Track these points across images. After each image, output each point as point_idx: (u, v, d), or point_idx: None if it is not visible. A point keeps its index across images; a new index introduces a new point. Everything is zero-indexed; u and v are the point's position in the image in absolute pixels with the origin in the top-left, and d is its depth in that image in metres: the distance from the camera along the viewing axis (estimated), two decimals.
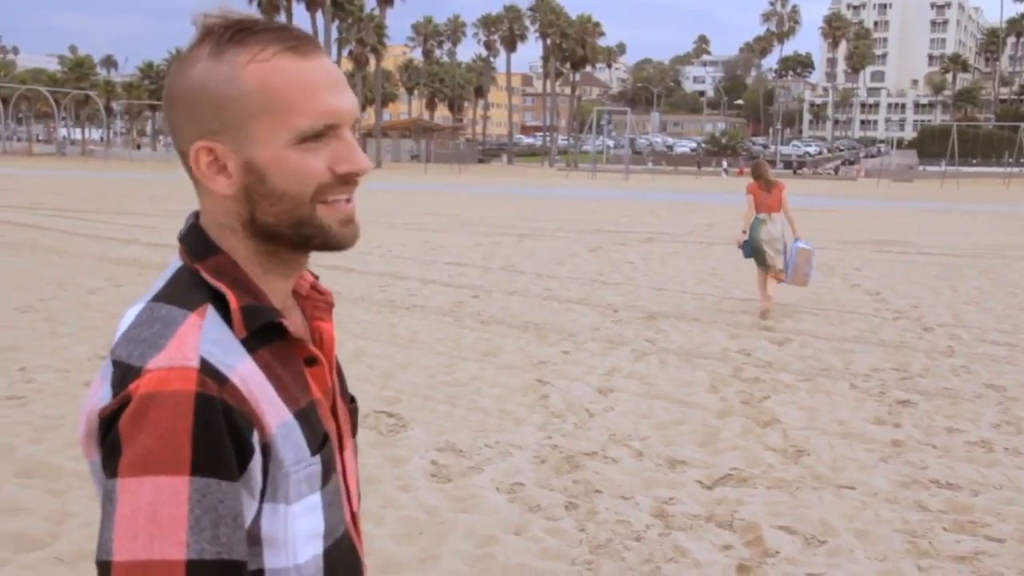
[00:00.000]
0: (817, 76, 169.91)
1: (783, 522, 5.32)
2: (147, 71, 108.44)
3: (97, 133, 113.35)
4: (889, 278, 16.00)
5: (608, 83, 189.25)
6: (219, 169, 1.28)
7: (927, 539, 5.15)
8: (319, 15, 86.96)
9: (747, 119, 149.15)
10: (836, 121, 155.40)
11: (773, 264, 11.89)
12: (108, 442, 1.19)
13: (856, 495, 5.78)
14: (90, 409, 1.22)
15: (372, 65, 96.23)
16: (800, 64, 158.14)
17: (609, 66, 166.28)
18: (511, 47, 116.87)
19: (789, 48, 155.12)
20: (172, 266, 1.35)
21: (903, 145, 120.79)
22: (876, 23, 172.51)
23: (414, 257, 17.20)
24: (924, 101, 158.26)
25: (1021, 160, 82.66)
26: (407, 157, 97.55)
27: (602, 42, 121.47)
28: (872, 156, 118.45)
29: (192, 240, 1.35)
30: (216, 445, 1.17)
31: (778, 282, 12.10)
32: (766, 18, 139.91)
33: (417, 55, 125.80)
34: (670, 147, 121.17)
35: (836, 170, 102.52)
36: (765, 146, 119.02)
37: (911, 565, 4.82)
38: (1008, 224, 31.64)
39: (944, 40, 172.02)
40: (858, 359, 9.54)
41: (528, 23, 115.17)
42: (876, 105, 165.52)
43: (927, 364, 9.41)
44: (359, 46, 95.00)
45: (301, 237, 1.31)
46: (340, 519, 1.39)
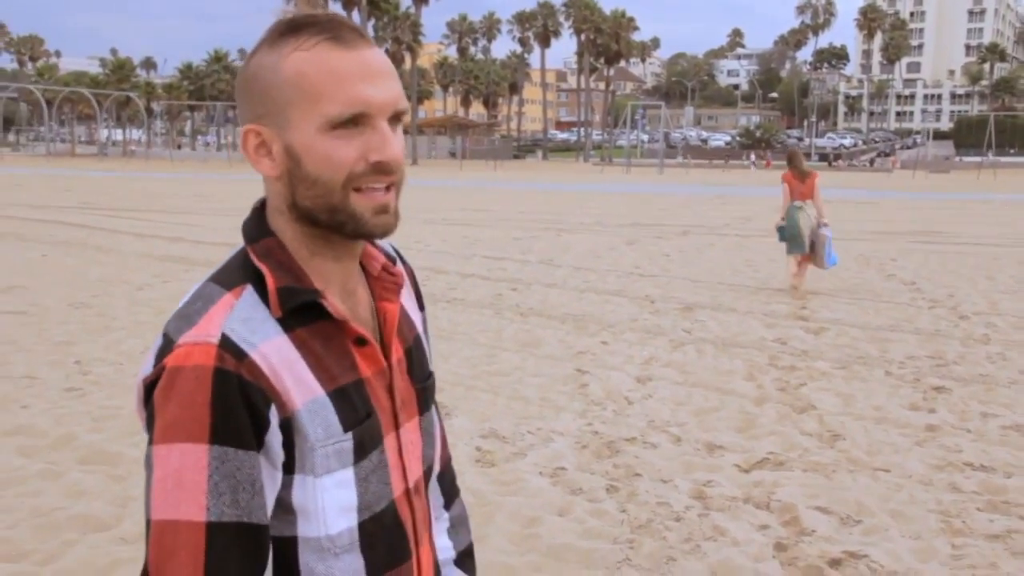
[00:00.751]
0: (852, 68, 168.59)
1: (819, 503, 5.47)
2: (186, 72, 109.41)
3: (138, 134, 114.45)
4: (925, 268, 16.03)
5: (642, 78, 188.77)
6: (265, 152, 1.36)
7: (960, 518, 5.28)
8: (355, 13, 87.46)
9: (781, 112, 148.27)
10: (871, 113, 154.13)
11: (804, 248, 12.86)
12: (148, 410, 1.30)
13: (891, 477, 5.91)
14: (139, 378, 1.33)
15: (408, 63, 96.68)
16: (835, 56, 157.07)
17: (643, 61, 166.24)
18: (545, 43, 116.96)
19: (824, 40, 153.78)
20: (236, 248, 1.44)
21: (939, 136, 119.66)
22: (912, 14, 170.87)
23: (453, 252, 17.42)
24: (961, 92, 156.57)
25: None
26: (443, 154, 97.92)
27: (636, 37, 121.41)
28: (908, 147, 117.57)
29: (249, 224, 1.42)
30: (232, 416, 1.26)
31: (808, 263, 13.11)
32: (801, 10, 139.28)
33: (452, 52, 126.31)
34: (704, 141, 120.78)
35: (871, 162, 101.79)
36: (800, 139, 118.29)
37: (945, 543, 4.96)
38: None
39: (981, 30, 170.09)
40: (894, 347, 9.64)
41: (562, 19, 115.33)
42: (912, 96, 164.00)
43: (962, 351, 9.50)
44: (395, 44, 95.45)
45: (335, 223, 1.36)
46: (382, 495, 1.43)
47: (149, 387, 1.29)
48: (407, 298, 1.59)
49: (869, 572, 4.62)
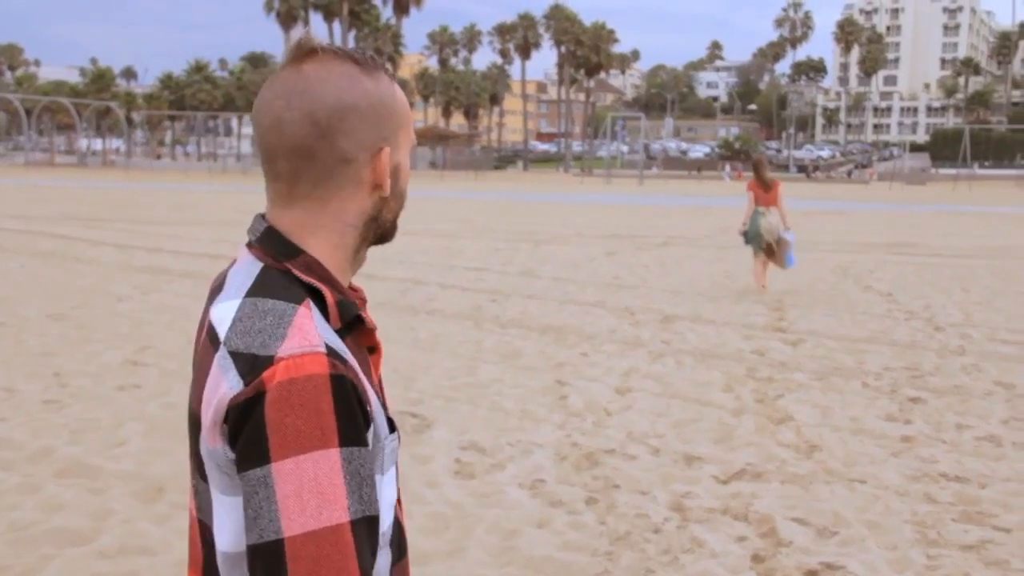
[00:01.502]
0: (830, 80, 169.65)
1: (796, 514, 5.51)
2: (167, 82, 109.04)
3: (118, 143, 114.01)
4: (901, 279, 16.16)
5: (622, 89, 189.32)
6: (390, 172, 1.48)
7: (936, 529, 5.33)
8: (336, 24, 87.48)
9: (760, 124, 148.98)
10: (849, 125, 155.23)
11: (768, 247, 13.96)
12: (248, 431, 1.31)
13: (867, 488, 5.96)
14: (218, 399, 1.34)
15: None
16: (813, 69, 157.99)
17: (623, 72, 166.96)
18: (526, 55, 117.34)
19: (802, 53, 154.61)
20: (248, 264, 1.46)
21: (916, 148, 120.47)
22: (888, 28, 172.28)
23: (433, 263, 17.43)
24: (937, 104, 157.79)
25: None
26: (424, 164, 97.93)
27: (616, 49, 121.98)
28: (885, 159, 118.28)
29: (274, 242, 1.45)
30: (353, 417, 1.32)
31: (770, 262, 14.23)
32: (779, 24, 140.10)
33: (433, 63, 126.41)
34: (684, 152, 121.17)
35: (849, 173, 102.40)
36: (778, 150, 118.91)
37: (920, 554, 5.01)
38: (1020, 225, 31.70)
39: (956, 44, 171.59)
40: (870, 358, 9.72)
41: (542, 31, 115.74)
42: (889, 109, 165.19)
43: (938, 363, 9.58)
44: (376, 55, 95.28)
45: (389, 231, 1.54)
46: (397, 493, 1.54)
47: (243, 406, 1.31)
48: None
49: None
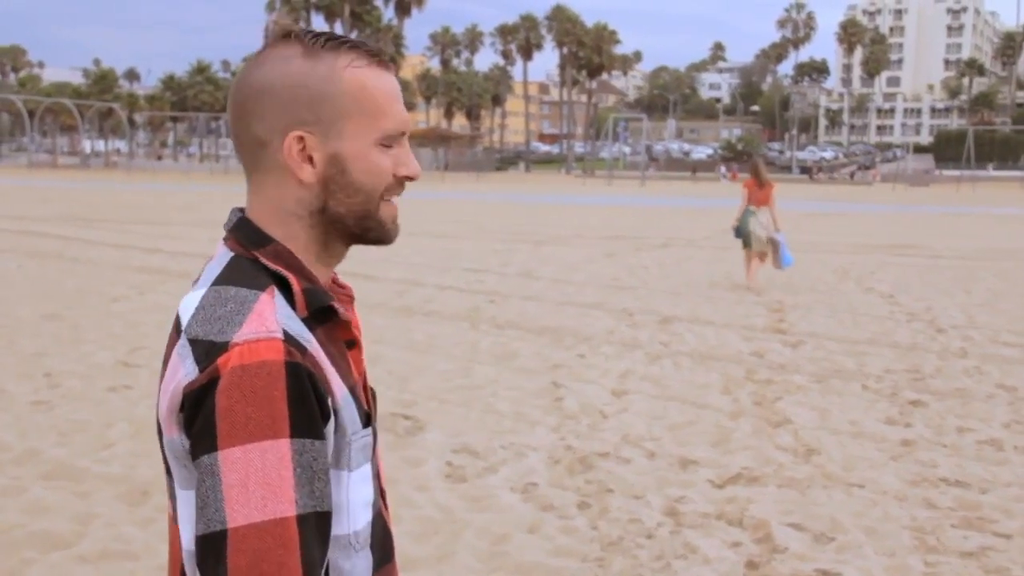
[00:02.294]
0: (833, 82, 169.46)
1: (793, 519, 5.41)
2: (169, 83, 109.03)
3: (120, 145, 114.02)
4: (903, 281, 16.06)
5: (624, 91, 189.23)
6: (305, 158, 1.40)
7: (935, 535, 5.23)
8: (338, 25, 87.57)
9: (763, 125, 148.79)
10: (852, 126, 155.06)
11: (758, 247, 14.55)
12: (201, 418, 1.27)
13: (866, 493, 5.86)
14: (174, 386, 1.31)
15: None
16: (816, 70, 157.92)
17: (625, 74, 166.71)
18: (528, 56, 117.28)
19: (804, 54, 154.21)
20: (221, 255, 1.44)
21: (919, 150, 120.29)
22: (892, 28, 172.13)
23: (432, 264, 17.34)
24: (940, 106, 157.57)
25: None
26: (426, 165, 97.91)
27: (618, 50, 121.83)
28: (888, 161, 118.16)
29: (246, 231, 1.44)
30: (307, 407, 1.28)
31: (761, 262, 14.68)
32: (781, 24, 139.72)
33: (435, 64, 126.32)
34: (687, 153, 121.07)
35: (852, 175, 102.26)
36: (781, 151, 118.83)
37: (919, 561, 4.91)
38: (1023, 227, 31.58)
39: (960, 45, 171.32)
40: (871, 361, 9.62)
41: (545, 32, 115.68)
42: (892, 110, 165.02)
43: (939, 365, 9.48)
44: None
45: (362, 229, 1.45)
46: (377, 492, 1.50)
47: (197, 393, 1.28)
48: None
49: None
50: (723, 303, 13.35)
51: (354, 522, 1.40)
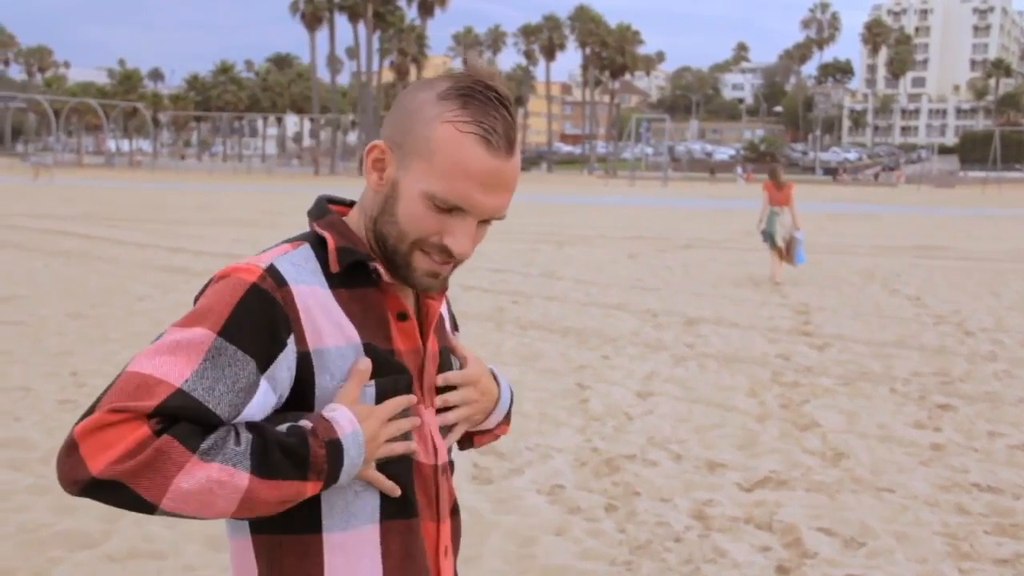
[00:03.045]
0: (857, 82, 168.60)
1: (822, 524, 5.35)
2: (193, 83, 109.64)
3: (144, 144, 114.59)
4: (930, 283, 15.93)
5: (647, 91, 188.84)
6: (380, 168, 1.54)
7: (968, 542, 5.16)
8: (361, 26, 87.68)
9: (786, 126, 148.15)
10: (876, 127, 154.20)
11: (781, 245, 15.42)
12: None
13: (896, 498, 5.80)
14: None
15: (413, 75, 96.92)
16: (840, 70, 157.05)
17: (648, 74, 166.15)
18: (550, 56, 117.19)
19: (829, 54, 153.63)
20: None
21: (944, 151, 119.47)
22: (917, 29, 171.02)
23: None
24: (966, 107, 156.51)
25: None
26: None
27: (641, 50, 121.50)
28: (913, 162, 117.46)
29: (314, 208, 1.64)
30: (248, 322, 1.44)
31: (782, 259, 15.61)
32: (805, 25, 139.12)
33: (458, 64, 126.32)
34: (709, 154, 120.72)
35: (876, 176, 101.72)
36: (804, 152, 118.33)
37: (951, 567, 4.84)
38: None
39: (987, 45, 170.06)
40: (898, 364, 9.53)
41: (567, 32, 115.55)
42: (917, 111, 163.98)
43: (968, 369, 9.38)
44: (400, 56, 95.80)
45: (392, 261, 1.55)
46: (419, 443, 1.60)
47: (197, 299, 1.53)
48: (443, 313, 1.78)
49: None
50: (748, 305, 13.28)
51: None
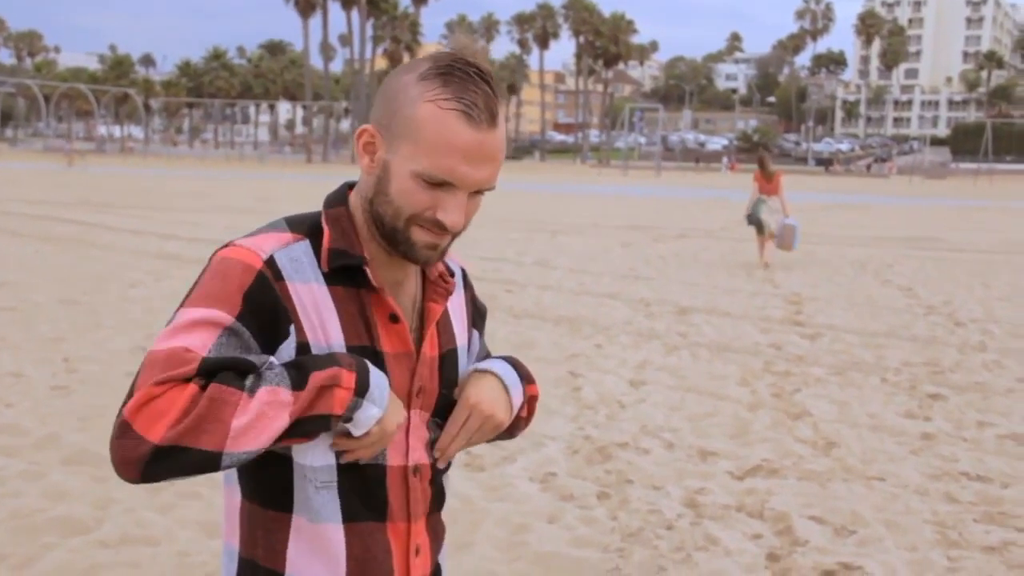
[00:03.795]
0: (850, 73, 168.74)
1: (813, 512, 5.38)
2: (185, 69, 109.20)
3: (136, 130, 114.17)
4: (921, 274, 15.98)
5: (640, 80, 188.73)
6: (371, 151, 1.57)
7: (957, 530, 5.20)
8: (354, 13, 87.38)
9: (779, 116, 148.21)
10: (869, 118, 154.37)
11: (768, 230, 16.11)
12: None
13: (886, 487, 5.83)
14: None
15: (406, 62, 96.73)
16: (833, 61, 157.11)
17: (641, 64, 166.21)
18: (544, 45, 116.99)
19: (822, 45, 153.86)
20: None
21: (936, 142, 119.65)
22: (910, 20, 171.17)
23: (448, 253, 17.28)
24: (958, 98, 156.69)
25: None
26: None
27: (635, 40, 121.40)
28: (905, 153, 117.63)
29: (331, 194, 1.66)
30: (260, 312, 1.49)
31: (770, 240, 16.24)
32: (799, 15, 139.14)
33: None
34: (702, 144, 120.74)
35: (868, 167, 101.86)
36: (797, 143, 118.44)
37: (940, 555, 4.87)
38: None
39: (979, 37, 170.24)
40: (889, 354, 9.57)
41: (561, 21, 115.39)
42: (909, 102, 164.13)
43: (958, 359, 9.42)
44: (393, 43, 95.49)
45: (392, 238, 1.57)
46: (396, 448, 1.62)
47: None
48: (456, 312, 1.79)
49: None
50: (740, 295, 13.31)
51: (312, 458, 1.55)
